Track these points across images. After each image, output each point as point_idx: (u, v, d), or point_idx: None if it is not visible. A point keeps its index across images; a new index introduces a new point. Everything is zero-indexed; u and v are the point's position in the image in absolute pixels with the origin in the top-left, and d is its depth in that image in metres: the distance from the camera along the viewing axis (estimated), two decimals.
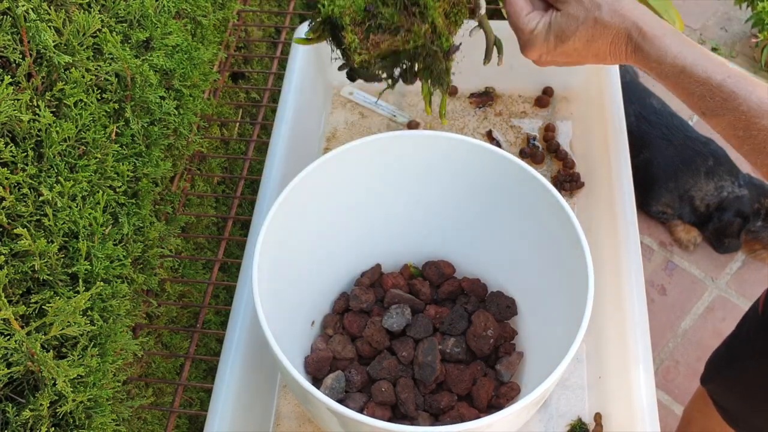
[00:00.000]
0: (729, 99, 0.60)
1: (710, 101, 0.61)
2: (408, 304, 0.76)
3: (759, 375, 0.91)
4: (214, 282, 0.90)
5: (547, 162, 0.95)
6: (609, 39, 0.65)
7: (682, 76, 0.62)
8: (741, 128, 0.60)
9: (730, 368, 0.97)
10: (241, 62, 1.23)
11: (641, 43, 0.64)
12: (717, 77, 0.60)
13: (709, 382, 1.03)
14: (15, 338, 0.52)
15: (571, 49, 0.67)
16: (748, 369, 0.93)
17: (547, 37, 0.68)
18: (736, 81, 0.60)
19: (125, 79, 0.68)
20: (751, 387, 0.94)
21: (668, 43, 0.62)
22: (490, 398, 0.71)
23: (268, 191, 0.83)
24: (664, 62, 0.63)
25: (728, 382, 0.99)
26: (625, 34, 0.64)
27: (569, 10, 0.66)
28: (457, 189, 0.76)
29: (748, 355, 0.93)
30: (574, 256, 0.64)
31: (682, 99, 0.64)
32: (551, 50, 0.69)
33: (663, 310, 1.64)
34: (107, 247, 0.64)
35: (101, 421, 0.61)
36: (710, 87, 0.60)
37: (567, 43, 0.67)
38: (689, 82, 0.62)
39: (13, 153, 0.55)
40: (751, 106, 0.59)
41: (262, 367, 0.76)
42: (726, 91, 0.60)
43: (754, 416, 0.97)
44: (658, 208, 1.70)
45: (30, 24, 0.56)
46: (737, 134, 0.60)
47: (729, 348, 0.98)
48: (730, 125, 0.60)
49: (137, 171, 0.72)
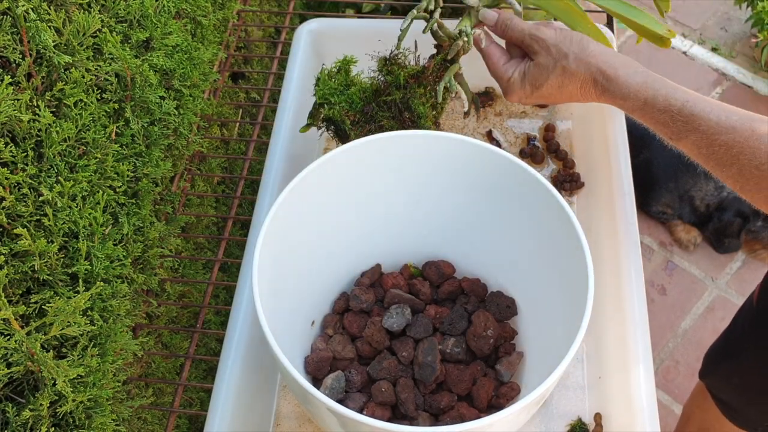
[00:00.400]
0: (690, 121, 0.65)
1: (673, 126, 0.66)
2: (408, 304, 0.76)
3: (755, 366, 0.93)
4: (214, 282, 0.90)
5: (547, 162, 0.95)
6: (578, 84, 0.72)
7: (646, 107, 0.68)
8: (704, 146, 0.65)
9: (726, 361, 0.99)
10: (241, 62, 1.23)
11: (606, 85, 0.70)
12: (677, 104, 0.66)
13: (706, 375, 1.04)
14: (15, 338, 0.52)
15: (545, 93, 0.75)
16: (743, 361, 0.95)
17: (522, 84, 0.75)
18: (694, 104, 0.65)
19: (125, 79, 0.68)
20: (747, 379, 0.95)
21: (630, 82, 0.69)
22: (490, 398, 0.71)
23: (268, 191, 0.83)
24: (628, 98, 0.69)
25: (725, 375, 1.00)
26: (591, 78, 0.71)
27: (540, 61, 0.74)
28: (457, 189, 0.76)
29: (744, 347, 0.94)
30: (574, 256, 0.64)
31: (651, 128, 0.70)
32: (528, 95, 0.76)
33: (663, 310, 1.64)
34: (107, 247, 0.64)
35: (101, 421, 0.61)
36: (672, 113, 0.66)
37: (541, 89, 0.74)
38: (653, 111, 0.68)
39: (13, 153, 0.55)
40: (710, 125, 0.64)
41: (262, 367, 0.76)
42: (686, 115, 0.65)
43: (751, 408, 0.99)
44: (658, 208, 1.70)
45: (30, 24, 0.56)
46: (701, 152, 0.65)
47: (725, 341, 1.00)
48: (694, 145, 0.66)
49: (137, 171, 0.72)
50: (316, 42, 0.99)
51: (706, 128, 0.64)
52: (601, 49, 0.72)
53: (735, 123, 0.63)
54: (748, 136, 0.62)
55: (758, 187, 0.62)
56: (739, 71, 2.02)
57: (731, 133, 0.63)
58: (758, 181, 0.62)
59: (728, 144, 0.63)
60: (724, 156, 0.63)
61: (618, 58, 0.71)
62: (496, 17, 0.78)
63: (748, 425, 1.02)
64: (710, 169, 0.66)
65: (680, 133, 0.66)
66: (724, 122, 0.64)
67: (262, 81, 1.24)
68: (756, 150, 0.61)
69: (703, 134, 0.64)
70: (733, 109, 0.64)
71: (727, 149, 0.63)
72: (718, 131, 0.64)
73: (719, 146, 0.63)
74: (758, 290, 0.92)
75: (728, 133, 0.63)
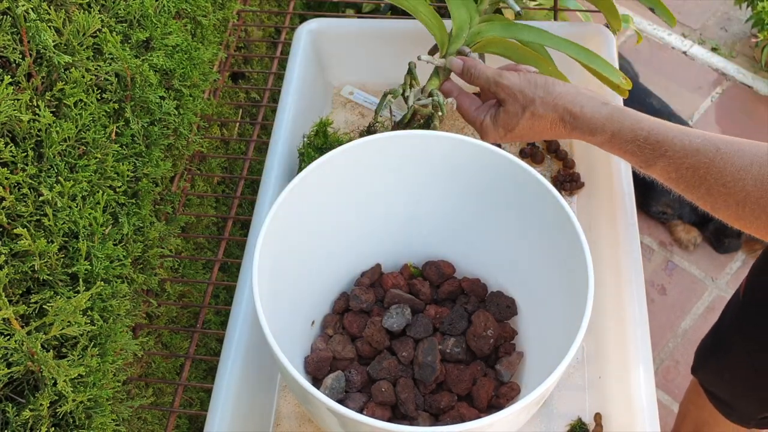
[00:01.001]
0: (656, 148, 0.68)
1: (641, 155, 0.69)
2: (408, 304, 0.76)
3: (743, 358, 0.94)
4: (214, 282, 0.90)
5: (547, 162, 0.95)
6: (547, 125, 0.75)
7: (614, 140, 0.71)
8: (672, 171, 0.67)
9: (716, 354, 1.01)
10: (241, 62, 1.23)
11: (574, 123, 0.73)
12: (642, 133, 0.69)
13: (698, 370, 1.06)
14: (15, 338, 0.52)
15: (518, 134, 0.78)
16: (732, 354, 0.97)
17: (496, 127, 0.79)
18: (659, 132, 0.68)
19: (125, 79, 0.68)
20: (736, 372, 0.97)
21: (597, 117, 0.72)
22: (490, 398, 0.71)
23: (268, 191, 0.83)
24: (596, 133, 0.72)
25: (716, 369, 1.02)
26: (559, 118, 0.74)
27: (508, 108, 0.77)
28: (457, 189, 0.76)
29: (732, 339, 0.96)
30: (574, 256, 0.64)
31: (622, 157, 0.72)
32: (502, 136, 0.79)
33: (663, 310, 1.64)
34: (107, 247, 0.64)
35: (101, 421, 0.61)
36: (638, 143, 0.69)
37: (514, 131, 0.78)
38: (621, 143, 0.70)
39: (13, 153, 0.55)
40: (675, 150, 0.67)
41: (262, 367, 0.76)
42: (652, 142, 0.68)
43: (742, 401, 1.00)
44: (658, 208, 1.70)
45: (30, 24, 0.56)
46: (671, 176, 0.68)
47: (714, 334, 1.02)
48: (664, 170, 0.68)
49: (137, 171, 0.72)
50: (316, 42, 0.99)
51: (672, 153, 0.67)
52: (566, 89, 0.75)
53: (699, 145, 0.65)
54: (713, 156, 0.64)
55: (726, 204, 0.64)
56: (739, 71, 2.02)
57: (696, 155, 0.65)
58: (725, 198, 0.64)
59: (695, 166, 0.65)
60: (692, 178, 0.66)
61: (582, 96, 0.74)
62: (461, 65, 0.82)
63: (742, 420, 1.03)
64: (681, 191, 0.68)
65: (649, 160, 0.69)
66: (688, 146, 0.66)
67: (262, 81, 1.24)
68: (721, 169, 0.64)
69: (670, 159, 0.67)
70: (697, 133, 0.67)
71: (694, 171, 0.65)
72: (684, 155, 0.66)
73: (686, 169, 0.66)
74: (744, 283, 0.94)
75: (694, 155, 0.65)
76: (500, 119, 0.78)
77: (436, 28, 0.87)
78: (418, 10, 0.87)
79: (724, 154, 0.64)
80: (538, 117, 0.75)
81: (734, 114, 1.94)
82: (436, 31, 0.87)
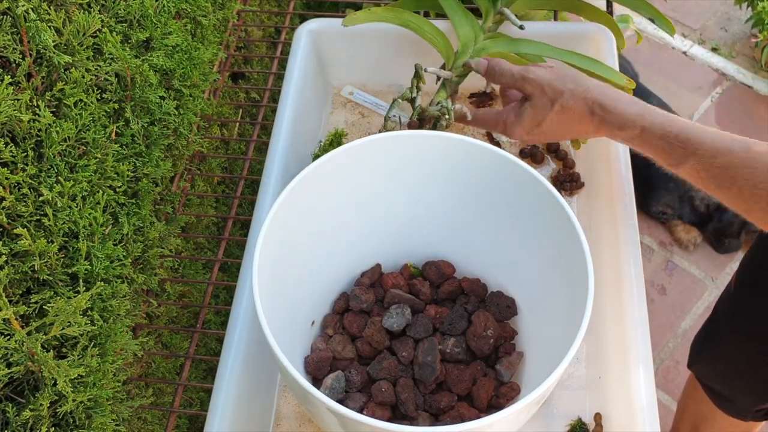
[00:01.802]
0: (687, 146, 0.67)
1: (672, 152, 0.68)
2: (408, 304, 0.76)
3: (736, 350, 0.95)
4: (214, 282, 0.90)
5: (547, 162, 0.95)
6: (576, 118, 0.74)
7: (644, 135, 0.70)
8: (702, 170, 0.66)
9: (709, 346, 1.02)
10: (241, 62, 1.23)
11: (604, 116, 0.72)
12: (673, 131, 0.68)
13: (694, 364, 1.07)
14: (15, 338, 0.52)
15: (546, 129, 0.76)
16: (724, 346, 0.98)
17: (522, 122, 0.77)
18: (690, 130, 0.67)
19: (125, 79, 0.68)
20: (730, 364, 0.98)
21: (628, 111, 0.71)
22: (490, 398, 0.71)
23: (268, 191, 0.83)
24: (626, 128, 0.71)
25: (710, 361, 1.03)
26: (590, 112, 0.73)
27: (535, 102, 0.75)
28: (457, 189, 0.76)
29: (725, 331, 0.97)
30: (574, 256, 0.64)
31: (651, 155, 0.71)
32: (529, 132, 0.78)
33: (663, 310, 1.64)
34: (107, 247, 0.64)
35: (101, 421, 0.61)
36: (669, 140, 0.68)
37: (542, 126, 0.76)
38: (651, 139, 0.69)
39: (13, 153, 0.55)
40: (706, 148, 0.66)
41: (262, 367, 0.76)
42: (683, 140, 0.67)
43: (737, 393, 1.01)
44: (658, 208, 1.70)
45: (30, 24, 0.56)
46: (701, 176, 0.67)
47: (708, 327, 1.03)
48: (693, 169, 0.67)
49: (137, 171, 0.72)
50: (316, 42, 0.99)
51: (703, 152, 0.66)
52: (595, 83, 0.74)
53: (730, 145, 0.65)
54: (744, 156, 0.63)
55: (759, 206, 0.63)
56: (739, 71, 2.02)
57: (728, 155, 0.64)
58: (758, 199, 0.63)
59: (725, 165, 0.64)
60: (723, 177, 0.65)
61: (612, 90, 0.73)
62: (486, 64, 0.81)
63: (739, 413, 1.04)
64: (711, 192, 0.67)
65: (679, 158, 0.68)
66: (720, 145, 0.65)
67: (262, 81, 1.24)
68: (753, 169, 0.63)
69: (700, 158, 0.66)
70: (727, 134, 0.66)
71: (725, 170, 0.64)
72: (714, 154, 0.65)
73: (717, 168, 0.65)
74: (735, 276, 0.94)
75: (725, 154, 0.65)
76: (527, 115, 0.76)
77: (441, 45, 0.89)
78: (424, 29, 0.89)
79: (756, 154, 0.63)
80: (567, 110, 0.73)
81: (734, 114, 1.94)
82: (441, 48, 0.89)
